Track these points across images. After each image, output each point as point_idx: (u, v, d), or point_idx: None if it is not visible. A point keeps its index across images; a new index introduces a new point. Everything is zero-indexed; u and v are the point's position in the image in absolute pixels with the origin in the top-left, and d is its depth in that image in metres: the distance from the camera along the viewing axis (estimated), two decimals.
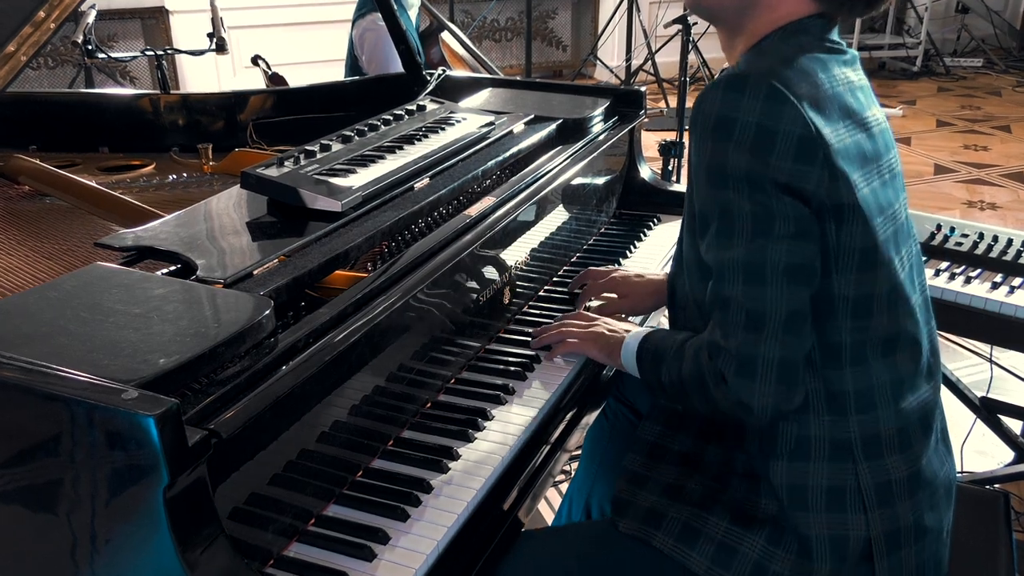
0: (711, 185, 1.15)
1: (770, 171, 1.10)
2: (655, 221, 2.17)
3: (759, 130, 1.10)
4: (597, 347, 1.49)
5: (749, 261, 1.13)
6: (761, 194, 1.11)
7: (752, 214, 1.12)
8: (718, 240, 1.16)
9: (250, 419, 1.01)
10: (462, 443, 1.31)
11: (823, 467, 1.20)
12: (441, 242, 1.44)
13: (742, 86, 1.11)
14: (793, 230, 1.12)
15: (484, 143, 1.76)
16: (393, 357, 1.31)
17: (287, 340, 1.11)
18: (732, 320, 1.15)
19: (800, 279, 1.13)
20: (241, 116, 2.29)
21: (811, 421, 1.20)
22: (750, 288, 1.13)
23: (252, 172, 1.44)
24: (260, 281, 1.19)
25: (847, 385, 1.18)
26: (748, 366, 1.14)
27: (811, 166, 1.10)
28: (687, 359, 1.25)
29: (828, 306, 1.17)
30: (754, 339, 1.13)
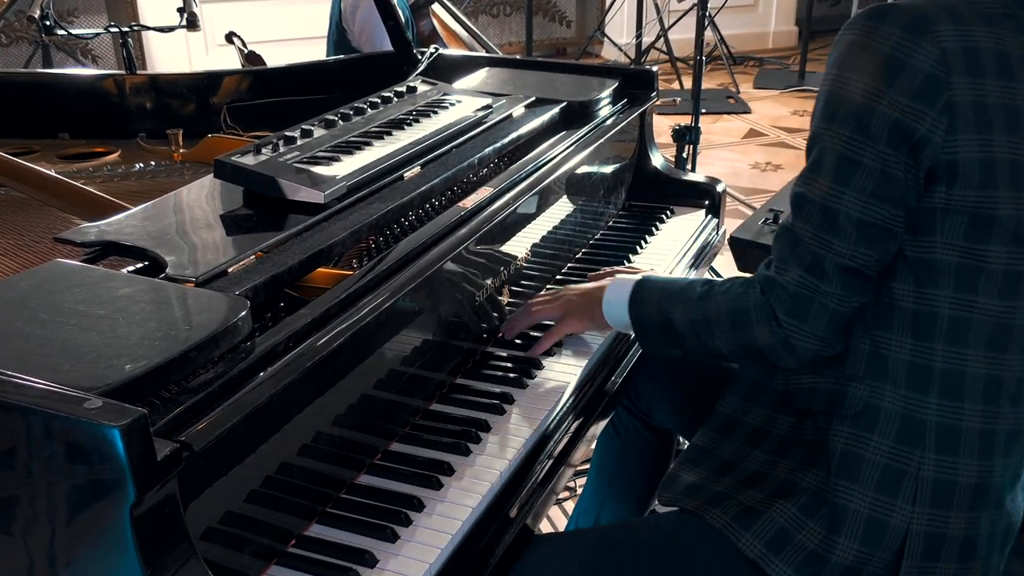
0: (823, 116, 1.19)
1: (884, 103, 1.13)
2: (668, 214, 2.17)
3: (888, 60, 1.13)
4: (574, 316, 1.52)
5: (826, 206, 1.19)
6: (861, 133, 1.15)
7: (839, 156, 1.17)
8: (807, 173, 1.21)
9: (225, 430, 1.01)
10: (457, 457, 1.31)
11: (886, 443, 1.21)
12: (433, 237, 1.44)
13: (885, 15, 1.15)
14: (872, 186, 1.16)
15: (480, 128, 1.76)
16: (381, 363, 1.31)
17: (265, 344, 1.12)
18: (797, 257, 1.21)
19: (870, 237, 1.17)
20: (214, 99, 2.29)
21: (885, 390, 1.22)
22: (821, 232, 1.19)
23: (226, 160, 1.44)
24: (235, 279, 1.19)
25: (935, 362, 1.19)
26: (801, 307, 1.21)
27: (929, 107, 1.12)
28: (720, 296, 1.31)
29: (927, 270, 1.19)
30: (813, 283, 1.20)
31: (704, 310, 1.32)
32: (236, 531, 1.07)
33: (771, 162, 4.99)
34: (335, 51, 3.70)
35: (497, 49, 3.94)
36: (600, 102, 2.03)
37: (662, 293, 1.40)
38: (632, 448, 1.81)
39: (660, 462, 1.86)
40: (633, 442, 1.81)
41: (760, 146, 5.27)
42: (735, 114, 5.85)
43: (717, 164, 4.94)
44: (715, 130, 5.55)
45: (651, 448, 1.82)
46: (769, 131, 5.53)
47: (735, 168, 4.91)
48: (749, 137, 5.43)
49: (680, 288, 1.38)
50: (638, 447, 1.81)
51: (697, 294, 1.35)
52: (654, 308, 1.39)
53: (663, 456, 1.85)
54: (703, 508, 1.30)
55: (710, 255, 2.13)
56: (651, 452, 1.82)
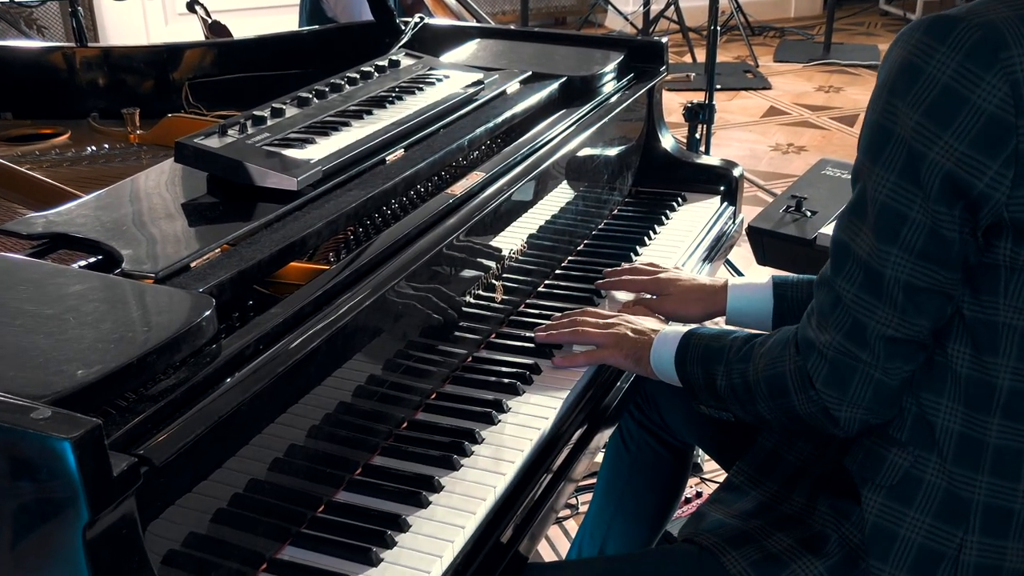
0: (867, 150, 1.14)
1: (936, 149, 1.07)
2: (679, 201, 2.17)
3: (944, 93, 1.06)
4: (621, 351, 1.50)
5: (870, 266, 1.15)
6: (909, 181, 1.09)
7: (883, 206, 1.11)
8: (849, 216, 1.18)
9: (188, 443, 1.01)
10: (445, 471, 1.32)
11: (924, 520, 1.19)
12: (419, 227, 1.44)
13: (947, 31, 1.07)
14: (920, 245, 1.11)
15: (471, 106, 1.76)
16: (361, 367, 1.31)
17: (232, 347, 1.12)
18: (837, 319, 1.18)
19: (921, 303, 1.13)
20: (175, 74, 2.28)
21: (929, 462, 1.19)
22: (863, 294, 1.15)
23: (189, 143, 1.44)
24: (199, 275, 1.19)
25: (989, 436, 1.16)
26: (841, 377, 1.18)
27: (990, 158, 1.06)
28: (759, 358, 1.28)
29: (988, 334, 1.14)
30: (854, 351, 1.17)
31: (744, 374, 1.30)
32: (201, 555, 1.07)
33: (793, 143, 5.00)
34: (309, 21, 3.70)
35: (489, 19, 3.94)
36: (603, 77, 2.03)
37: (706, 351, 1.36)
38: (643, 464, 1.81)
39: (675, 479, 1.86)
40: (644, 458, 1.81)
41: (781, 126, 5.28)
42: (753, 90, 5.86)
43: (734, 146, 4.95)
44: (731, 108, 5.56)
45: (665, 465, 1.82)
46: (791, 109, 5.54)
47: (753, 150, 4.92)
48: (769, 116, 5.44)
49: (723, 346, 1.35)
50: (650, 463, 1.81)
51: (738, 354, 1.32)
52: (699, 369, 1.37)
53: (678, 473, 1.85)
54: (722, 548, 1.29)
55: (726, 247, 2.13)
56: (665, 469, 1.82)
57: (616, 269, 1.78)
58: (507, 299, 1.68)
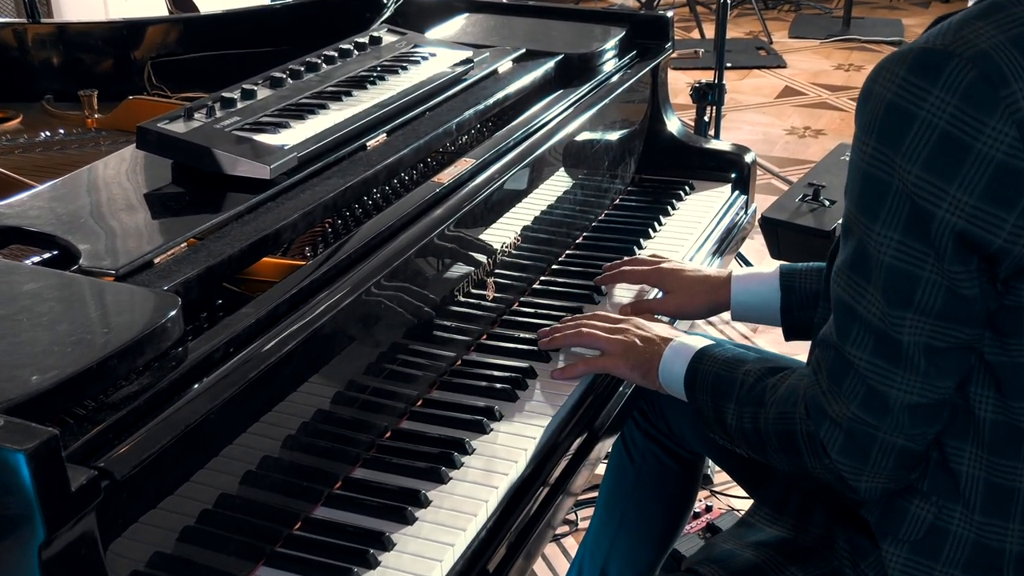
0: (860, 205, 1.11)
1: (945, 205, 1.04)
2: (687, 189, 2.18)
3: (944, 140, 1.03)
4: (627, 361, 1.48)
5: (882, 332, 1.12)
6: (916, 239, 1.07)
7: (890, 269, 1.09)
8: (852, 276, 1.14)
9: (152, 455, 1.02)
10: (432, 485, 1.32)
11: (954, 573, 1.19)
12: (403, 219, 1.44)
13: (936, 70, 1.03)
14: (939, 306, 1.09)
15: (459, 87, 1.76)
16: (340, 372, 1.31)
17: (200, 350, 1.12)
18: (850, 387, 1.15)
19: (945, 365, 1.12)
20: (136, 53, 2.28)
21: (955, 513, 1.19)
22: (879, 362, 1.13)
23: (152, 128, 1.44)
24: (163, 272, 1.19)
25: (1019, 483, 1.16)
26: (859, 447, 1.16)
27: (1006, 211, 1.04)
28: (771, 406, 1.25)
29: (1014, 377, 1.13)
30: (873, 422, 1.14)
31: (755, 419, 1.27)
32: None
33: (810, 127, 5.01)
34: None
35: None
36: (604, 55, 2.03)
37: (716, 382, 1.34)
38: (649, 476, 1.81)
39: (683, 493, 1.86)
40: (650, 469, 1.81)
41: (797, 107, 5.29)
42: (767, 69, 5.87)
43: (746, 129, 4.96)
44: (743, 88, 5.57)
45: (672, 477, 1.82)
46: (808, 89, 5.55)
47: (767, 134, 4.93)
48: (784, 96, 5.45)
49: (734, 378, 1.31)
50: (656, 475, 1.81)
51: (750, 393, 1.28)
52: (709, 399, 1.34)
53: (687, 486, 1.86)
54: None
55: (737, 239, 2.14)
56: (672, 481, 1.82)
57: (615, 263, 1.78)
58: (499, 297, 1.69)
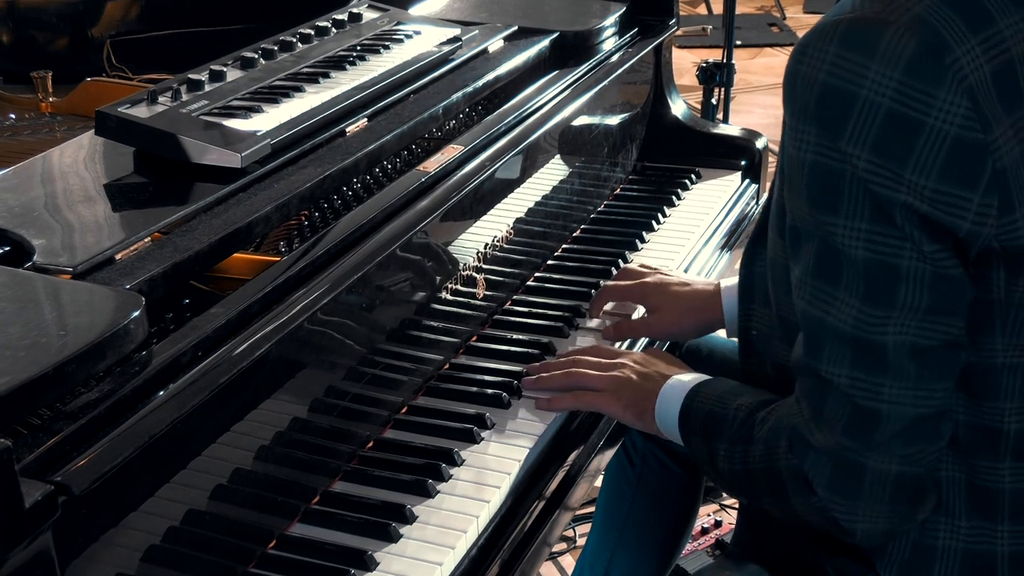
0: (814, 199, 1.08)
1: (903, 191, 1.03)
2: (693, 178, 2.18)
3: (890, 119, 1.02)
4: (620, 401, 1.45)
5: (861, 338, 1.08)
6: (885, 227, 1.05)
7: (867, 267, 1.06)
8: (816, 284, 1.11)
9: (114, 468, 1.01)
10: (418, 499, 1.32)
11: None
12: (385, 211, 1.44)
13: (871, 42, 1.02)
14: (927, 300, 1.06)
15: (446, 68, 1.76)
16: (318, 377, 1.31)
17: (165, 354, 1.12)
18: (831, 412, 1.12)
19: (938, 367, 1.09)
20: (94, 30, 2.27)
21: (939, 526, 1.19)
22: (862, 375, 1.10)
23: (112, 112, 1.44)
24: (125, 269, 1.19)
25: (1002, 482, 1.17)
26: (849, 479, 1.13)
27: (969, 190, 1.03)
28: (758, 442, 1.23)
29: (987, 378, 1.14)
30: (861, 446, 1.11)
31: (745, 458, 1.24)
32: None
33: None
34: None
35: None
36: (602, 32, 2.03)
37: (708, 421, 1.31)
38: (650, 481, 1.82)
39: (687, 499, 1.86)
40: (651, 473, 1.81)
41: None
42: (780, 47, 5.88)
43: (757, 112, 4.96)
44: (754, 68, 5.57)
45: (675, 481, 1.83)
46: None
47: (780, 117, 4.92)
48: None
49: (725, 415, 1.28)
50: (658, 480, 1.81)
51: (740, 431, 1.25)
52: (701, 441, 1.32)
53: (691, 491, 1.86)
54: None
55: (748, 232, 2.14)
56: (675, 487, 1.83)
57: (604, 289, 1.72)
58: (490, 295, 1.69)
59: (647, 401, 1.41)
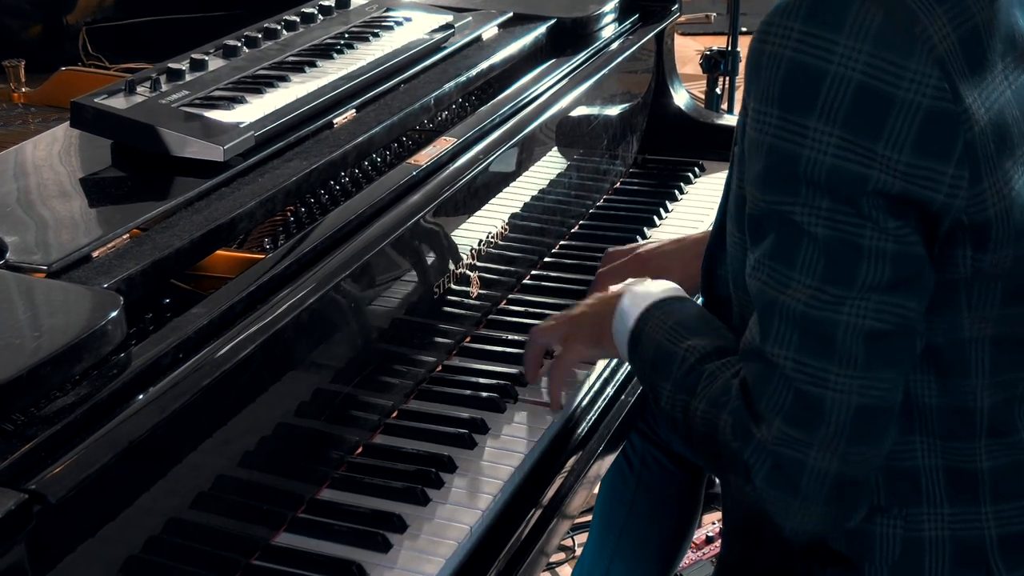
0: (770, 181, 1.09)
1: (875, 169, 1.04)
2: (696, 171, 2.18)
3: (861, 93, 1.03)
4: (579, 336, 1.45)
5: (811, 318, 1.08)
6: (849, 212, 1.06)
7: (827, 246, 1.07)
8: (773, 266, 1.11)
9: (91, 475, 1.01)
10: (410, 507, 1.32)
11: None
12: (375, 206, 1.44)
13: (839, 16, 1.04)
14: (888, 278, 1.06)
15: (438, 56, 1.76)
16: (304, 380, 1.31)
17: (145, 356, 1.12)
18: (773, 399, 1.11)
19: (889, 353, 1.09)
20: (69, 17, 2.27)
21: (922, 517, 1.20)
22: (808, 359, 1.09)
23: (88, 103, 1.44)
24: (103, 267, 1.19)
25: (980, 462, 1.18)
26: (787, 476, 1.11)
27: (943, 163, 1.05)
28: (702, 397, 1.21)
29: (955, 355, 1.15)
30: (802, 437, 1.10)
31: (685, 409, 1.22)
32: None
33: None
34: None
35: None
36: (602, 19, 2.03)
37: (657, 353, 1.29)
38: (650, 484, 1.82)
39: (688, 503, 1.87)
40: (651, 476, 1.82)
41: None
42: None
43: None
44: None
45: (676, 485, 1.83)
46: None
47: None
48: None
49: (674, 352, 1.26)
50: (658, 483, 1.82)
51: (685, 377, 1.23)
52: (649, 371, 1.30)
53: (692, 495, 1.86)
54: None
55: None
56: (676, 490, 1.83)
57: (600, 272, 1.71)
58: (484, 294, 1.69)
59: (604, 322, 1.40)
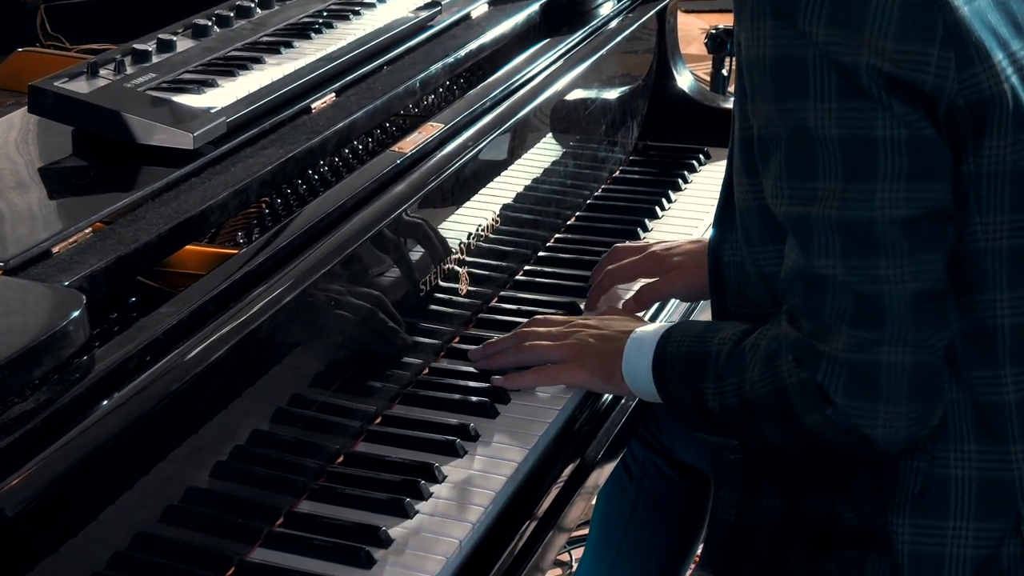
0: (775, 93, 1.20)
1: (865, 54, 1.15)
2: (701, 159, 2.18)
3: None
4: (584, 368, 1.48)
5: (848, 220, 1.18)
6: (855, 101, 1.16)
7: (843, 144, 1.17)
8: (793, 184, 1.21)
9: (52, 487, 1.01)
10: (395, 520, 1.32)
11: (967, 525, 1.24)
12: (356, 197, 1.44)
13: None
14: (908, 164, 1.16)
15: (424, 36, 1.76)
16: (281, 384, 1.31)
17: (110, 359, 1.11)
18: (833, 309, 1.20)
19: (925, 237, 1.18)
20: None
21: (949, 453, 1.24)
22: (856, 261, 1.19)
23: (47, 87, 1.44)
24: (63, 263, 1.19)
25: (1006, 394, 1.22)
26: (865, 378, 1.19)
27: (926, 44, 1.15)
28: (753, 367, 1.27)
29: (972, 267, 1.21)
30: (872, 337, 1.18)
31: (740, 390, 1.29)
32: None
33: None
34: None
35: None
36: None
37: (688, 362, 1.36)
38: (650, 494, 1.82)
39: (693, 515, 1.87)
40: (652, 486, 1.82)
41: None
42: None
43: None
44: None
45: (679, 495, 1.83)
46: None
47: None
48: None
49: (708, 352, 1.34)
50: (659, 493, 1.82)
51: (727, 362, 1.31)
52: (683, 386, 1.36)
53: (697, 506, 1.86)
54: None
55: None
56: (679, 501, 1.84)
57: (597, 268, 1.74)
58: (474, 291, 1.69)
59: (613, 361, 1.45)
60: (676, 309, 1.74)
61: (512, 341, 1.55)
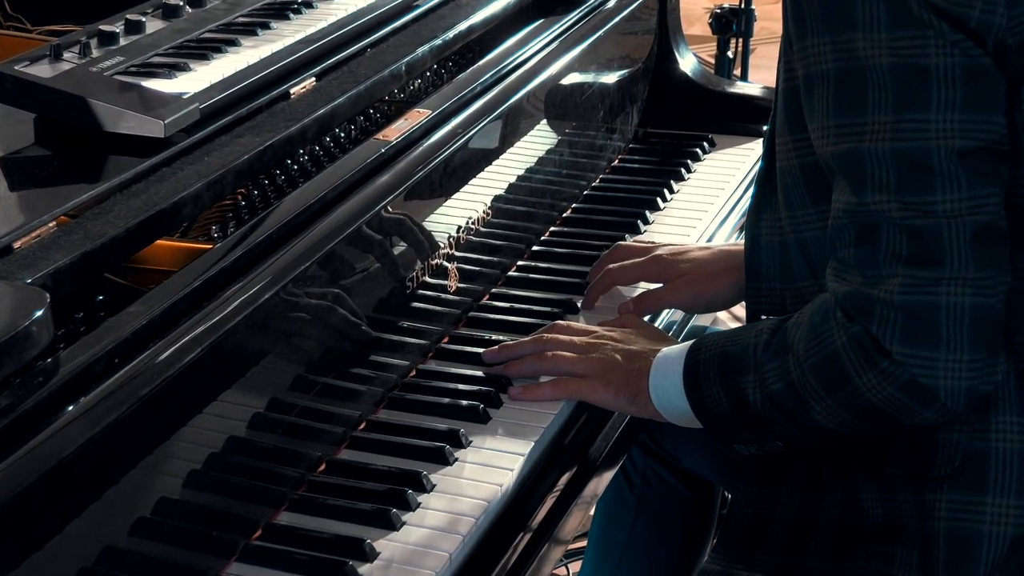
0: (822, 25, 1.22)
1: None
2: (705, 147, 2.19)
3: None
4: (609, 386, 1.47)
5: (901, 151, 1.19)
6: (905, 28, 1.18)
7: (894, 74, 1.19)
8: (840, 121, 1.22)
9: (14, 497, 1.01)
10: (380, 532, 1.32)
11: (1007, 502, 1.24)
12: (337, 188, 1.44)
13: None
14: (962, 94, 1.18)
15: (409, 16, 1.76)
16: (258, 387, 1.31)
17: (76, 361, 1.11)
18: (887, 250, 1.21)
19: (982, 170, 1.19)
20: None
21: (990, 426, 1.24)
22: (911, 196, 1.20)
23: (8, 71, 1.43)
24: (25, 260, 1.19)
25: None
26: (924, 323, 1.19)
27: None
28: (798, 343, 1.28)
29: (1019, 227, 1.22)
30: (929, 275, 1.19)
31: (784, 372, 1.30)
32: None
33: None
34: None
35: None
36: None
37: (723, 361, 1.36)
38: (652, 506, 1.82)
39: (699, 527, 1.87)
40: (653, 496, 1.82)
41: None
42: None
43: None
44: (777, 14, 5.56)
45: (682, 506, 1.83)
46: None
47: None
48: None
49: (745, 346, 1.35)
50: (661, 504, 1.82)
51: (767, 350, 1.32)
52: (720, 389, 1.37)
53: (702, 519, 1.87)
54: None
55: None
56: (683, 512, 1.84)
57: (596, 265, 1.74)
58: (464, 288, 1.69)
59: (639, 381, 1.45)
60: (674, 311, 1.75)
61: (532, 347, 1.54)
